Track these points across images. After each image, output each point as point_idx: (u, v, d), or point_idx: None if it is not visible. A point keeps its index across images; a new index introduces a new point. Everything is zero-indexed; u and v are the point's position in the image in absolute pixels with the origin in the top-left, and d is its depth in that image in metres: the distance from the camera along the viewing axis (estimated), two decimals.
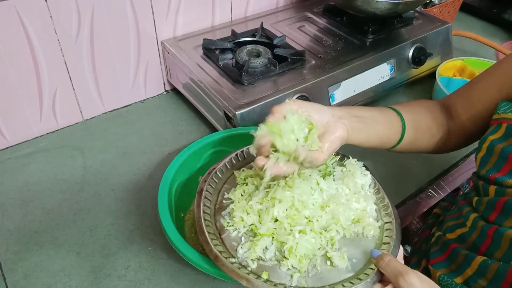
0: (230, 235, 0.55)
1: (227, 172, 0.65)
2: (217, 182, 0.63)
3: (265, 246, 0.53)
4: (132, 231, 0.71)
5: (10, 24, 0.74)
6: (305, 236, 0.53)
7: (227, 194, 0.61)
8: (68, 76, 0.85)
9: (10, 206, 0.75)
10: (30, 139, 0.88)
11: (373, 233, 0.57)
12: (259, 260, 0.52)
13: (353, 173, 0.62)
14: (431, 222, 0.78)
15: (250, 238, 0.55)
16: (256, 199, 0.56)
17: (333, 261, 0.53)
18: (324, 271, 0.53)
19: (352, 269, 0.53)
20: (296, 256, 0.52)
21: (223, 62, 0.87)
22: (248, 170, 0.63)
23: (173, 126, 0.93)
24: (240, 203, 0.57)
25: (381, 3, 0.90)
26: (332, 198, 0.58)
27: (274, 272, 0.51)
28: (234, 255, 0.53)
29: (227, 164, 0.65)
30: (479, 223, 0.58)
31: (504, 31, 1.32)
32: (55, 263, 0.66)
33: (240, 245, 0.54)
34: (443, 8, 1.20)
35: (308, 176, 0.58)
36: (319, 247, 0.54)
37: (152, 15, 0.90)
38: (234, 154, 0.66)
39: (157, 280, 0.65)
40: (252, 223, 0.55)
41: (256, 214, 0.56)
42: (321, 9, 1.10)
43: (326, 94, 0.86)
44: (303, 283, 0.51)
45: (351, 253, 0.55)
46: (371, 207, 0.60)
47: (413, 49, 0.98)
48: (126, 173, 0.82)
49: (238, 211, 0.56)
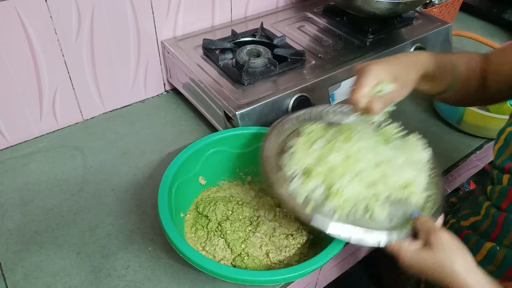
0: (287, 174, 0.60)
1: (293, 126, 0.71)
2: (281, 132, 0.69)
3: (316, 186, 0.58)
4: (132, 231, 0.71)
5: (10, 24, 0.74)
6: (353, 182, 0.58)
7: (290, 142, 0.65)
8: (68, 76, 0.85)
9: (10, 206, 0.75)
10: (30, 139, 0.88)
11: (417, 200, 0.61)
12: (307, 198, 0.57)
13: (412, 146, 0.65)
14: (446, 211, 0.79)
15: (303, 177, 0.60)
16: (316, 146, 0.62)
17: (373, 213, 0.57)
18: (362, 220, 0.57)
19: (389, 226, 0.57)
20: (341, 198, 0.57)
21: (223, 62, 0.87)
22: (314, 124, 0.68)
23: (173, 126, 0.93)
24: (302, 147, 0.63)
25: (381, 3, 0.90)
26: (386, 161, 0.61)
27: (318, 209, 0.56)
28: (286, 189, 0.58)
29: (294, 119, 0.71)
30: (491, 211, 0.60)
31: (504, 31, 1.32)
32: (55, 263, 0.67)
33: (293, 181, 0.59)
34: (443, 8, 1.20)
35: (369, 136, 0.63)
36: (363, 198, 0.58)
37: (152, 15, 0.90)
38: (301, 112, 0.72)
39: (157, 280, 0.65)
40: (307, 165, 0.60)
41: (313, 159, 0.61)
42: (321, 9, 1.10)
43: (326, 94, 0.86)
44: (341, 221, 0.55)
45: (391, 212, 0.59)
46: (421, 178, 0.62)
47: (413, 49, 0.98)
48: (126, 173, 0.82)
49: (298, 153, 0.62)
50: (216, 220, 0.69)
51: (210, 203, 0.72)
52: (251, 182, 0.80)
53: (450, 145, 0.90)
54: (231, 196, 0.75)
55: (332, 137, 0.63)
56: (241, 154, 0.77)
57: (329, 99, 0.87)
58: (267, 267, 0.65)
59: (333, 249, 0.59)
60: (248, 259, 0.64)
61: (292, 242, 0.67)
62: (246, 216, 0.70)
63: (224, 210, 0.70)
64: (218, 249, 0.65)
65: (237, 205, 0.72)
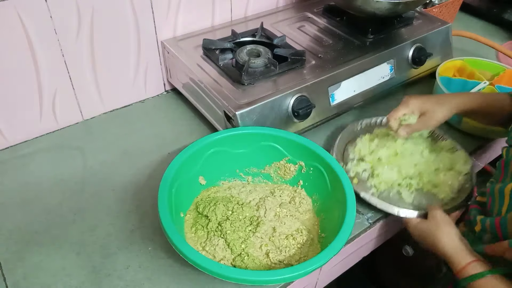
0: (348, 157, 0.83)
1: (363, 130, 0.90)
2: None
3: (364, 168, 0.79)
4: (132, 231, 0.71)
5: (10, 24, 0.74)
6: (391, 171, 0.78)
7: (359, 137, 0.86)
8: (68, 76, 0.85)
9: (10, 206, 0.75)
10: (30, 139, 0.88)
11: (444, 197, 0.76)
12: (357, 174, 0.79)
13: (457, 158, 0.81)
14: None
15: (357, 161, 0.81)
16: (373, 143, 0.82)
17: (402, 196, 0.76)
18: (392, 198, 0.76)
19: (413, 207, 0.75)
20: (378, 179, 0.78)
21: (223, 62, 0.87)
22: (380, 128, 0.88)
23: (173, 126, 0.93)
24: (365, 141, 0.83)
25: (381, 3, 0.90)
26: (424, 163, 0.80)
27: (362, 184, 0.78)
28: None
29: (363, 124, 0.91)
30: (496, 187, 0.67)
31: (504, 31, 1.32)
32: (55, 263, 0.67)
33: (350, 162, 0.81)
34: (443, 8, 1.20)
35: (419, 142, 0.83)
36: (398, 184, 0.78)
37: (152, 15, 0.90)
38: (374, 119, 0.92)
39: (157, 280, 0.65)
40: (364, 154, 0.81)
41: (369, 152, 0.81)
42: (321, 9, 1.10)
43: (326, 94, 0.86)
44: (375, 196, 0.76)
45: (418, 200, 0.76)
46: (452, 182, 0.78)
47: (413, 49, 0.98)
48: (126, 173, 0.82)
49: (360, 144, 0.83)
50: (216, 220, 0.69)
51: (210, 203, 0.72)
52: (251, 182, 0.80)
53: None
54: (231, 196, 0.75)
55: (389, 138, 0.82)
56: (241, 154, 0.77)
57: (329, 99, 0.87)
58: (267, 267, 0.65)
59: (333, 249, 0.59)
60: (248, 259, 0.64)
61: (292, 242, 0.67)
62: (246, 216, 0.70)
63: (224, 210, 0.70)
64: (218, 249, 0.65)
65: (237, 205, 0.72)
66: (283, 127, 0.81)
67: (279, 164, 0.79)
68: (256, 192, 0.77)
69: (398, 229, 0.89)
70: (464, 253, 0.64)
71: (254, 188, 0.78)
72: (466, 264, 0.62)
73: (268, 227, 0.69)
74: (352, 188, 0.68)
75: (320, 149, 0.74)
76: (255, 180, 0.80)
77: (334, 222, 0.67)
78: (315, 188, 0.76)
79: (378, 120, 0.91)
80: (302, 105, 0.81)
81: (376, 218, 0.76)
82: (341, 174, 0.70)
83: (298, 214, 0.73)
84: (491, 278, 0.60)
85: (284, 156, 0.78)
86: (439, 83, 0.94)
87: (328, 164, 0.72)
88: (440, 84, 0.93)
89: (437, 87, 0.95)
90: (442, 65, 1.00)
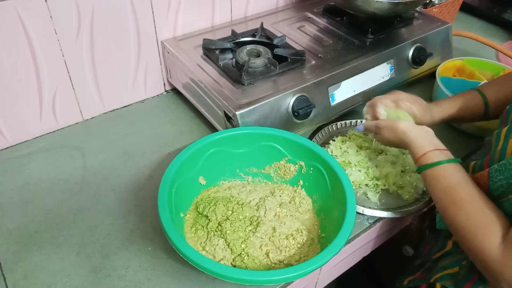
0: None
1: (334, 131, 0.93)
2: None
3: None
4: (132, 231, 0.71)
5: (10, 24, 0.74)
6: (358, 172, 0.81)
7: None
8: (68, 76, 0.86)
9: (10, 206, 0.75)
10: (30, 139, 0.88)
11: (408, 198, 0.79)
12: None
13: None
14: None
15: None
16: (344, 145, 0.86)
17: (368, 194, 0.79)
18: (359, 198, 0.79)
19: (377, 207, 0.78)
20: (350, 179, 0.79)
21: (223, 62, 0.87)
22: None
23: (173, 126, 0.93)
24: (337, 143, 0.87)
25: (381, 3, 0.90)
26: (393, 165, 0.83)
27: None
28: None
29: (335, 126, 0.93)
30: (494, 133, 0.68)
31: (504, 31, 1.32)
32: (55, 263, 0.67)
33: None
34: (443, 8, 1.20)
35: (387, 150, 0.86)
36: (364, 184, 0.80)
37: (152, 15, 0.90)
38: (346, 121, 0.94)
39: (157, 280, 0.65)
40: (335, 155, 0.85)
41: (340, 153, 0.85)
42: (321, 9, 1.10)
43: (326, 94, 0.86)
44: None
45: (384, 200, 0.79)
46: (417, 184, 0.80)
47: (413, 49, 0.98)
48: (126, 173, 0.82)
49: (333, 146, 0.87)
50: (216, 220, 0.69)
51: (210, 203, 0.72)
52: (251, 182, 0.80)
53: (450, 145, 0.89)
54: (231, 196, 0.75)
55: (360, 140, 0.87)
56: (241, 154, 0.77)
57: (329, 99, 0.87)
58: (267, 267, 0.65)
59: (333, 249, 0.59)
60: (248, 259, 0.64)
61: (292, 242, 0.67)
62: (246, 216, 0.70)
63: (224, 210, 0.70)
64: (218, 249, 0.65)
65: (237, 205, 0.72)
66: (283, 127, 0.81)
67: (279, 164, 0.79)
68: (256, 192, 0.77)
69: (398, 229, 0.89)
70: (425, 142, 0.67)
71: (254, 188, 0.78)
72: (427, 152, 0.65)
73: (268, 227, 0.69)
74: (352, 188, 0.68)
75: (320, 149, 0.74)
76: (255, 180, 0.80)
77: (334, 222, 0.67)
78: (315, 188, 0.76)
79: (353, 122, 0.93)
80: (302, 105, 0.81)
81: (376, 218, 0.76)
82: (341, 174, 0.70)
83: (298, 214, 0.73)
84: (448, 165, 0.63)
85: (284, 156, 0.78)
86: (439, 83, 0.94)
87: (328, 164, 0.72)
88: (440, 84, 0.93)
89: (437, 87, 0.95)
90: (442, 65, 1.00)
